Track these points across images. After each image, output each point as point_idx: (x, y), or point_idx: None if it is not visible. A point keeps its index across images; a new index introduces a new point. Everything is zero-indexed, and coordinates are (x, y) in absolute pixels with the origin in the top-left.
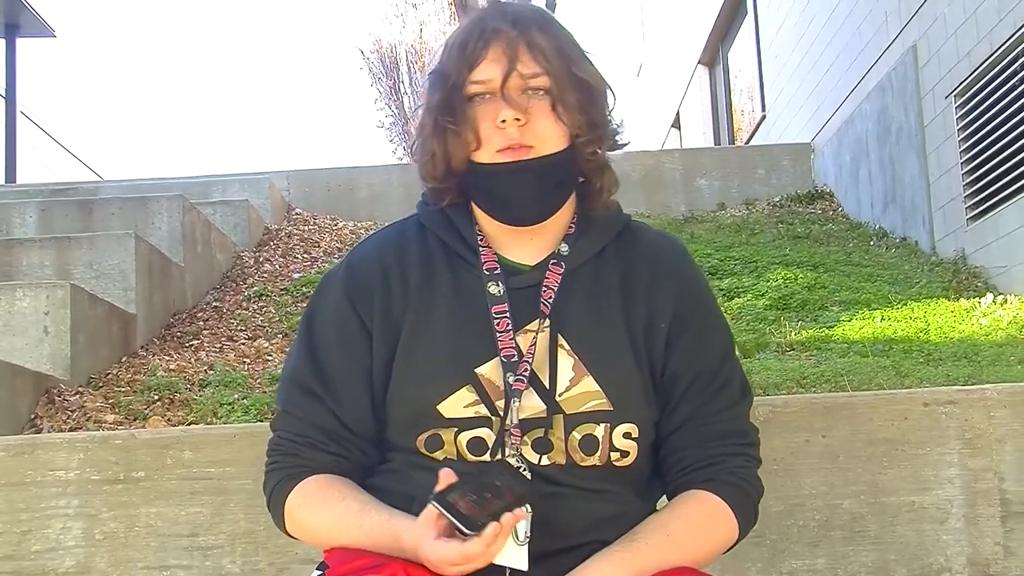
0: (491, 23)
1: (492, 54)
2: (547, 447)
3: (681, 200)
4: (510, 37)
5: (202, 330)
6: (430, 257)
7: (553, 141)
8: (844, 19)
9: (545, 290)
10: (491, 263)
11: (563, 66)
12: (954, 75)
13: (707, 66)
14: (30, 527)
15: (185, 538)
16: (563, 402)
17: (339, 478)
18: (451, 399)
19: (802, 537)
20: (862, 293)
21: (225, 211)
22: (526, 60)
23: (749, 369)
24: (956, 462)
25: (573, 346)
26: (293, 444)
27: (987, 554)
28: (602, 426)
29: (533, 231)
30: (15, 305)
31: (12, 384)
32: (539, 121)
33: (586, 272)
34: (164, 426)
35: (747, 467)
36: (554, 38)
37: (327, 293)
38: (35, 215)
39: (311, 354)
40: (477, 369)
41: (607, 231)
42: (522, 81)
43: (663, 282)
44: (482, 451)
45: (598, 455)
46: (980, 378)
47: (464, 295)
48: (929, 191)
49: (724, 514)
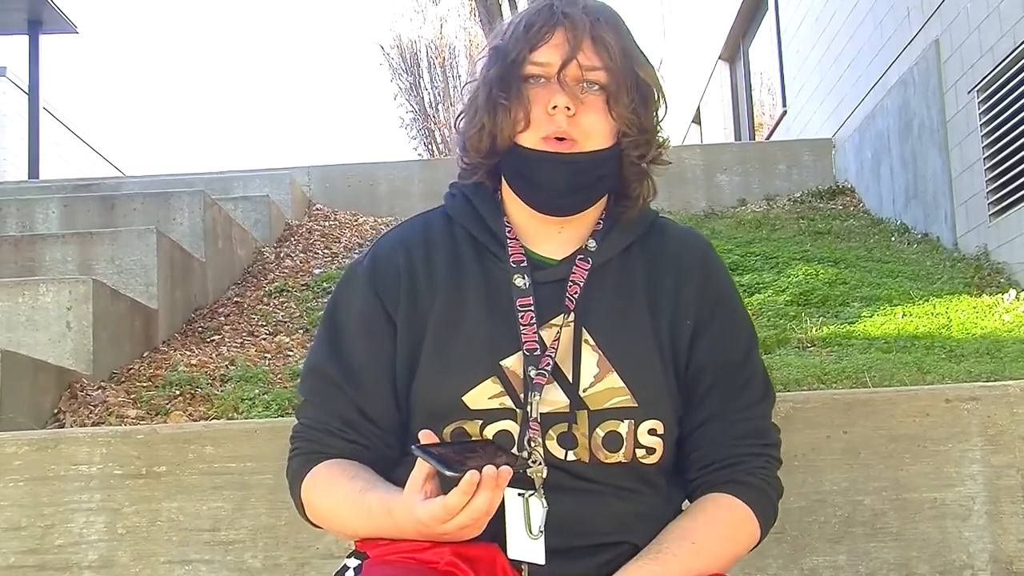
0: (560, 8)
1: (556, 39)
2: (572, 443)
3: (702, 196)
4: (576, 26)
5: (223, 325)
6: (457, 248)
7: (599, 137)
8: (866, 14)
9: (571, 285)
10: (518, 256)
11: (625, 65)
12: (977, 70)
13: (728, 62)
14: (53, 521)
15: (207, 532)
16: (587, 398)
17: (352, 462)
18: (476, 390)
19: (824, 533)
20: (883, 289)
21: (246, 207)
22: (588, 52)
23: (770, 365)
24: (978, 459)
25: (598, 342)
26: (314, 431)
27: (1010, 551)
28: (626, 423)
29: (563, 223)
30: (38, 300)
31: (35, 379)
32: (588, 115)
33: (612, 268)
34: (185, 421)
35: (768, 467)
36: (621, 37)
37: (352, 284)
38: (58, 211)
39: (334, 346)
40: (503, 362)
41: (635, 228)
42: (580, 72)
43: (687, 278)
44: (509, 445)
45: (622, 452)
46: (1003, 374)
47: (492, 287)
48: (951, 187)
49: (747, 518)
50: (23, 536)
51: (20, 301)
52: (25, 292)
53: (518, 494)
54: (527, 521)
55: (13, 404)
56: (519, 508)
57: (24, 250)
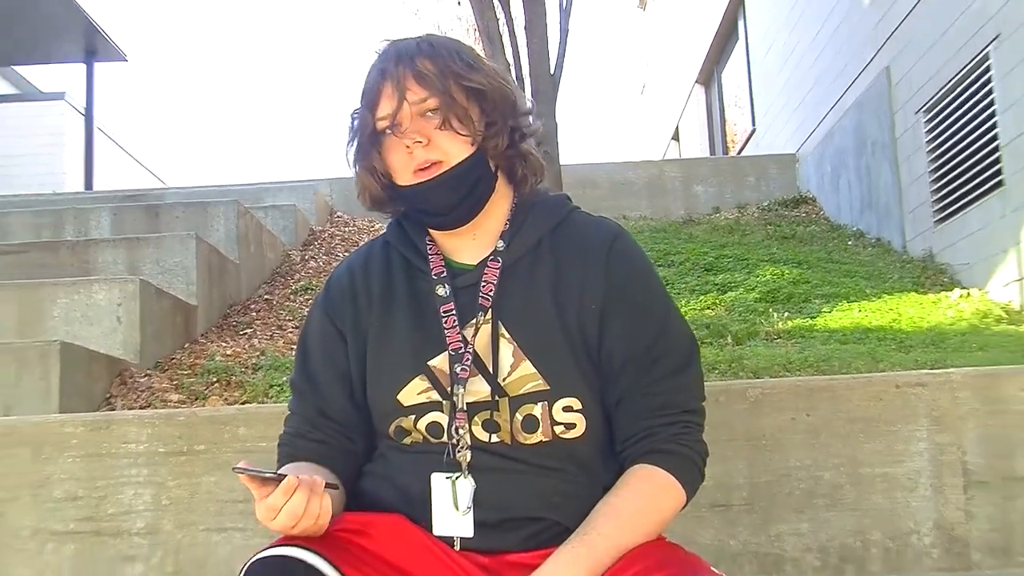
0: (381, 65)
1: (386, 91)
2: (495, 427)
3: (680, 204)
4: (396, 74)
5: (254, 320)
6: (391, 268)
7: (457, 151)
8: (825, 43)
9: (484, 285)
10: (438, 268)
11: (449, 83)
12: (923, 93)
13: (703, 85)
14: (106, 493)
15: (240, 504)
16: (507, 386)
17: (306, 464)
18: (407, 388)
19: (788, 504)
20: (841, 288)
21: (275, 214)
22: (414, 88)
23: (741, 355)
24: (924, 437)
25: (512, 334)
26: (290, 436)
27: (951, 519)
28: (540, 405)
29: (471, 230)
30: (92, 298)
31: (89, 368)
32: (439, 137)
33: (523, 265)
34: (222, 405)
35: (686, 432)
36: (438, 60)
37: (314, 310)
38: (108, 218)
39: (303, 363)
40: (430, 362)
41: (541, 225)
42: (415, 107)
43: (593, 266)
44: (439, 433)
45: (540, 431)
46: (946, 363)
47: (419, 299)
48: (901, 197)
49: (668, 484)
50: (80, 505)
51: (76, 299)
52: (80, 291)
53: (445, 477)
54: (454, 500)
55: (71, 390)
56: (446, 489)
57: (80, 253)
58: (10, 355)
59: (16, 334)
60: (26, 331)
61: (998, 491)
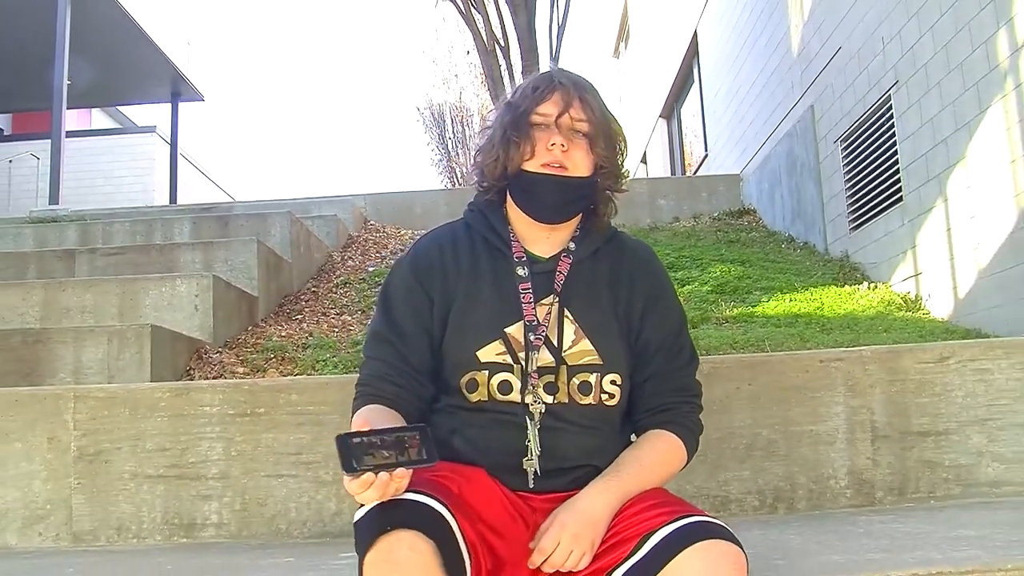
0: (558, 77)
1: (555, 97)
2: (555, 390)
3: (647, 215)
4: (569, 91)
5: (304, 308)
6: (475, 247)
7: (583, 168)
8: (762, 87)
9: (558, 275)
10: (519, 253)
11: (601, 120)
12: (839, 127)
13: (665, 119)
14: (187, 446)
15: (293, 455)
16: (567, 356)
17: (385, 409)
18: (486, 348)
19: (733, 456)
20: (776, 282)
21: (320, 223)
22: (577, 108)
23: (696, 336)
24: (841, 402)
25: (575, 316)
26: (372, 378)
27: (861, 466)
28: (594, 375)
29: (551, 230)
30: (176, 290)
31: (173, 346)
32: (576, 152)
33: (586, 264)
34: (278, 376)
35: (693, 412)
36: (598, 101)
37: (399, 270)
38: (188, 226)
39: (387, 314)
40: (507, 329)
41: (598, 238)
42: (571, 121)
43: (638, 274)
44: (508, 391)
45: (592, 396)
46: (859, 342)
47: (500, 275)
48: (823, 209)
49: (678, 447)
50: (167, 455)
51: (163, 291)
52: (166, 284)
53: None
54: (535, 445)
55: (159, 363)
56: (535, 437)
57: (166, 254)
58: (114, 335)
59: (117, 319)
60: (125, 316)
61: (897, 443)
